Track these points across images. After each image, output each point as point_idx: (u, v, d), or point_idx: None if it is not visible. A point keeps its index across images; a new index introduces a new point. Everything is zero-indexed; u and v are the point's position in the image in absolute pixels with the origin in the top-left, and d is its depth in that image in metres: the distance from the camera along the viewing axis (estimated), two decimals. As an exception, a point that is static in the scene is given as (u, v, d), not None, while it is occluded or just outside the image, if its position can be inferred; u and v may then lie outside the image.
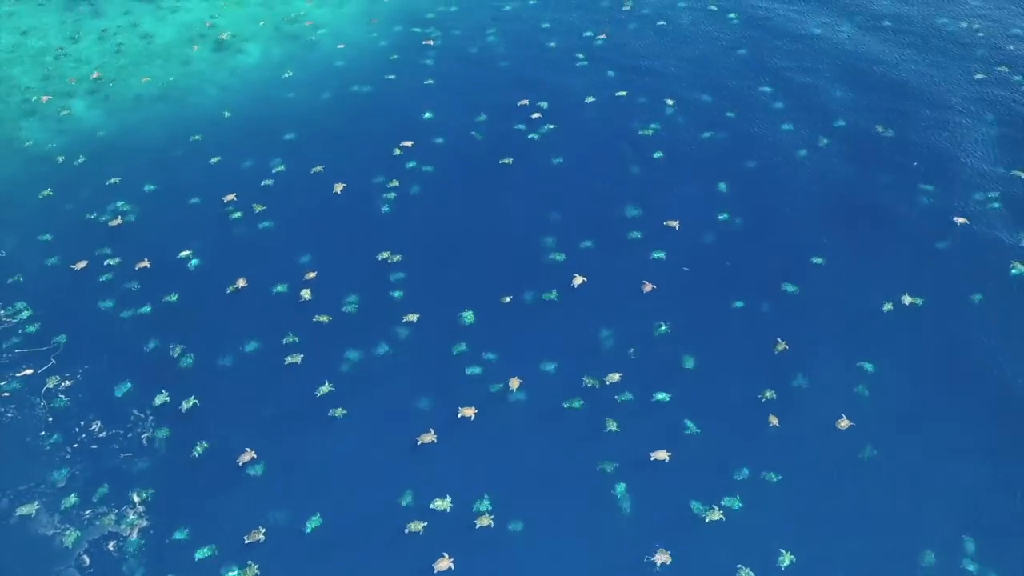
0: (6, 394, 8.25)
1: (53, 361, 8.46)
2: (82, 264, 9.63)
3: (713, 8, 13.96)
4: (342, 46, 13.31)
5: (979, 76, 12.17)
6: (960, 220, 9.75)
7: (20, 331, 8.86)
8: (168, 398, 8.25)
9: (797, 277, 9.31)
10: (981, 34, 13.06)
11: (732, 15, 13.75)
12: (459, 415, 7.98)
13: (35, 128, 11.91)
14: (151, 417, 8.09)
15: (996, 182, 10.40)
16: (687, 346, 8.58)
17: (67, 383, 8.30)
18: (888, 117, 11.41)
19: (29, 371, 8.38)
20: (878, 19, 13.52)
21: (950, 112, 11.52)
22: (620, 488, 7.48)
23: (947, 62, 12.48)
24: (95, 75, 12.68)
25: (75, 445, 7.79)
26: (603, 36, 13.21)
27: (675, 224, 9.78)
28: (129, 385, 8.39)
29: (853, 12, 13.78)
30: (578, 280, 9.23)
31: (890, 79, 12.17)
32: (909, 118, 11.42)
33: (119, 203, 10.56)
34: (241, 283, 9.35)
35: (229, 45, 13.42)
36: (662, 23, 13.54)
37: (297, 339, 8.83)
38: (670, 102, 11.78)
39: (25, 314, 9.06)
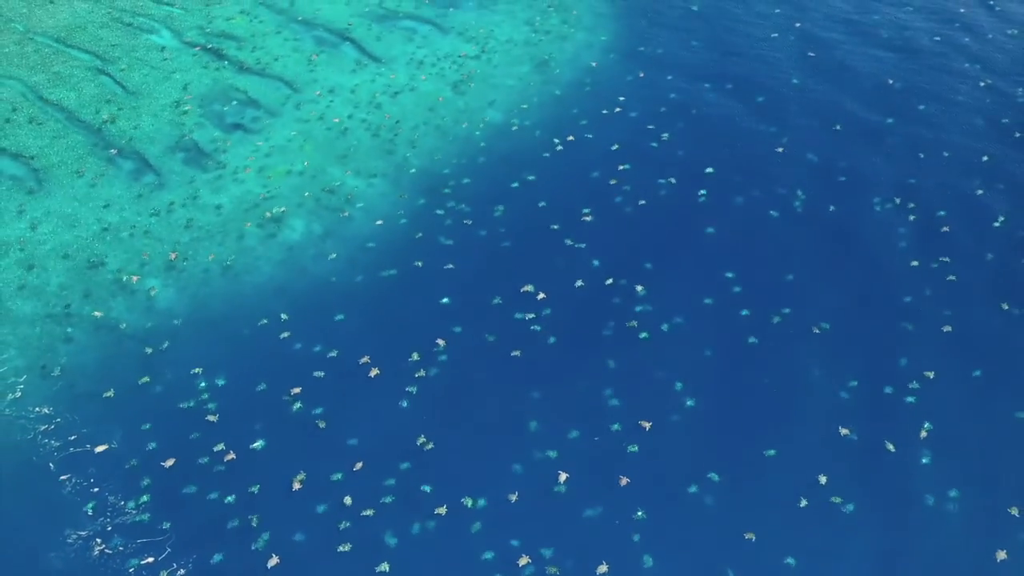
0: (133, 580, 10.87)
1: (169, 550, 11.05)
2: (172, 460, 12.13)
3: (672, 181, 16.31)
4: (380, 222, 15.62)
5: (914, 263, 14.61)
6: (885, 449, 12.26)
7: (139, 519, 11.44)
8: (256, 577, 10.88)
9: (740, 466, 11.90)
10: (912, 217, 15.53)
11: (701, 192, 16.20)
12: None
13: (124, 308, 14.37)
14: (249, 603, 10.72)
15: (914, 377, 12.93)
16: (652, 540, 11.17)
17: (180, 572, 10.90)
18: (825, 311, 13.88)
19: (151, 559, 10.96)
20: (825, 203, 15.96)
21: (880, 305, 14.00)
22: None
23: (885, 250, 14.89)
24: (173, 256, 15.07)
25: (193, 630, 10.43)
26: (589, 217, 15.64)
27: (647, 425, 12.34)
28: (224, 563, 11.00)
29: (806, 184, 16.21)
30: (563, 477, 11.81)
31: (831, 269, 14.57)
32: (842, 311, 13.91)
33: (202, 387, 13.04)
34: (300, 479, 11.86)
35: (277, 219, 15.86)
36: (643, 202, 16.01)
37: (349, 524, 11.42)
38: (640, 288, 14.24)
39: (145, 498, 11.65)
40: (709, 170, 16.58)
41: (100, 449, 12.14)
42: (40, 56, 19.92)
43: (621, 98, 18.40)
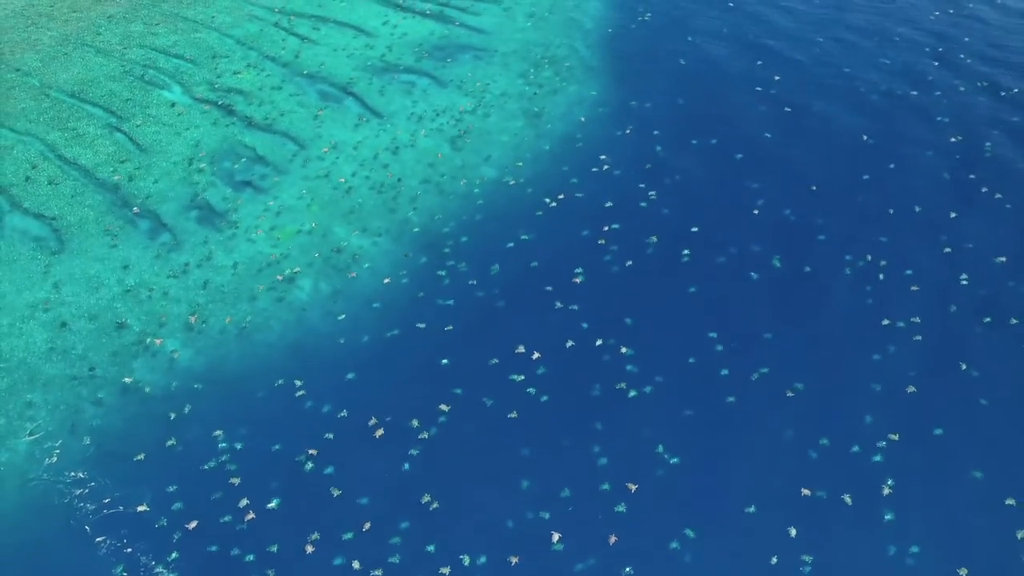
0: (167, 640, 11.96)
1: (197, 610, 12.14)
2: (195, 522, 13.20)
3: (654, 239, 17.38)
4: (387, 280, 16.65)
5: (885, 322, 15.66)
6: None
7: (169, 578, 12.53)
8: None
9: (719, 524, 13.02)
10: (882, 276, 16.59)
11: (685, 252, 17.27)
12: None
13: (147, 370, 15.42)
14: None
15: (880, 437, 14.05)
16: (638, 590, 12.31)
17: (209, 632, 12.01)
18: (800, 370, 14.96)
19: (181, 619, 12.07)
20: (801, 262, 17.03)
21: (851, 365, 15.07)
22: None
23: (857, 309, 15.97)
24: (192, 318, 16.09)
25: None
26: (578, 280, 16.68)
27: (633, 487, 13.44)
28: (246, 620, 12.09)
29: (784, 244, 17.26)
30: (556, 537, 12.91)
31: (806, 328, 15.64)
32: (815, 371, 14.99)
33: (222, 448, 14.11)
34: (314, 539, 12.95)
35: (287, 280, 16.90)
36: (630, 262, 17.07)
37: (363, 583, 12.54)
38: (625, 349, 15.35)
39: (174, 555, 12.72)
40: (694, 229, 17.63)
41: (141, 509, 13.21)
42: (56, 112, 20.91)
43: (609, 155, 19.44)
